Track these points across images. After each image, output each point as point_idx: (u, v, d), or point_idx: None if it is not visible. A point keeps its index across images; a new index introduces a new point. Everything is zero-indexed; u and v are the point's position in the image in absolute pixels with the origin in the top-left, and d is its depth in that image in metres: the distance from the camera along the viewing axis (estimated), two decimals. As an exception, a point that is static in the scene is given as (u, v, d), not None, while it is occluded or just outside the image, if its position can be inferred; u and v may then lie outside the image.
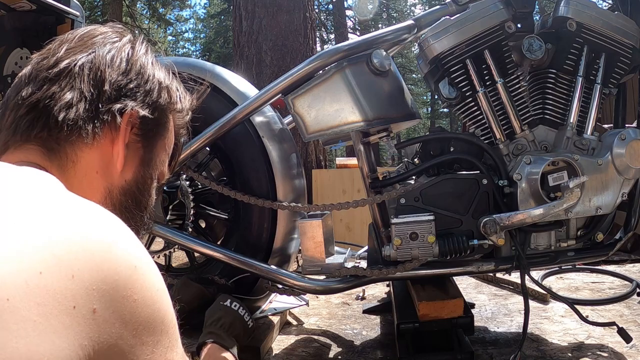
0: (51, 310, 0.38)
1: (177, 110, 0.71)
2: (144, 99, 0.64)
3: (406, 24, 1.44)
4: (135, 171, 0.65)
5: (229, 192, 1.40)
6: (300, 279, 1.39)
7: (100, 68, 0.61)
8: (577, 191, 1.17)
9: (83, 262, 0.41)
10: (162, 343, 0.47)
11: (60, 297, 0.39)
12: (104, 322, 0.41)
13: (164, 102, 0.67)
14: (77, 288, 0.40)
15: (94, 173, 0.60)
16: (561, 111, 1.33)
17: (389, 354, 1.44)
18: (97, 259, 0.42)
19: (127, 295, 0.43)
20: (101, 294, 0.41)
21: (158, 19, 16.22)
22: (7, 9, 2.18)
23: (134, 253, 0.46)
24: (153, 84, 0.65)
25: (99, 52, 0.62)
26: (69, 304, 0.39)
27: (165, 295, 0.48)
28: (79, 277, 0.40)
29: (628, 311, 1.66)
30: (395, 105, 1.38)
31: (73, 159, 0.59)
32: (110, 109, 0.61)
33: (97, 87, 0.60)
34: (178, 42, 22.36)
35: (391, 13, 18.65)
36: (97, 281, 0.41)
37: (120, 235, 0.46)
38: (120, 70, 0.62)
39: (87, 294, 0.40)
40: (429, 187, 1.29)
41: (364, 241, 1.51)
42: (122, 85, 0.62)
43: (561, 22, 1.32)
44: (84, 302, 0.40)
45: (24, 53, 2.20)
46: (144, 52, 0.67)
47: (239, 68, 4.34)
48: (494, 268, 1.32)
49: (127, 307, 0.43)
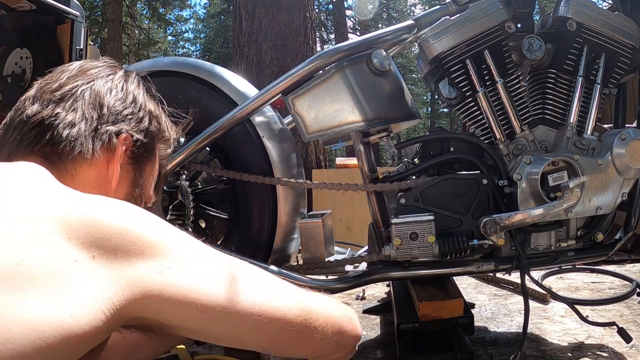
0: (66, 268, 0.47)
1: (165, 139, 0.79)
2: (138, 125, 0.72)
3: (406, 24, 1.44)
4: (126, 191, 0.72)
5: (235, 175, 1.41)
6: (301, 279, 1.39)
7: (100, 94, 0.69)
8: (577, 191, 1.17)
9: (76, 226, 0.50)
10: (169, 252, 0.55)
11: (67, 255, 0.48)
12: (106, 262, 0.50)
13: (154, 130, 0.75)
14: (75, 245, 0.49)
15: (90, 189, 0.65)
16: (561, 111, 1.33)
17: (389, 354, 1.44)
18: (89, 221, 0.51)
19: (113, 233, 0.51)
20: (97, 243, 0.50)
21: (158, 19, 16.22)
22: (7, 9, 2.18)
23: (120, 208, 0.56)
24: (145, 112, 0.73)
25: (97, 80, 0.70)
26: (70, 259, 0.48)
27: (157, 222, 0.57)
28: (75, 235, 0.50)
29: (628, 311, 1.66)
30: (395, 105, 1.38)
31: (72, 173, 0.65)
32: (108, 131, 0.68)
33: (97, 110, 0.68)
34: (178, 42, 22.35)
35: (391, 13, 18.65)
36: (89, 235, 0.50)
37: (103, 200, 0.56)
38: (117, 97, 0.70)
39: (84, 247, 0.49)
40: (429, 187, 1.29)
41: (364, 241, 1.51)
42: (119, 110, 0.70)
43: (561, 22, 1.32)
44: (83, 253, 0.49)
45: (24, 53, 2.20)
46: (137, 85, 0.75)
47: (239, 68, 4.35)
48: (494, 268, 1.32)
49: (117, 242, 0.51)
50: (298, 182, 1.43)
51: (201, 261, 0.58)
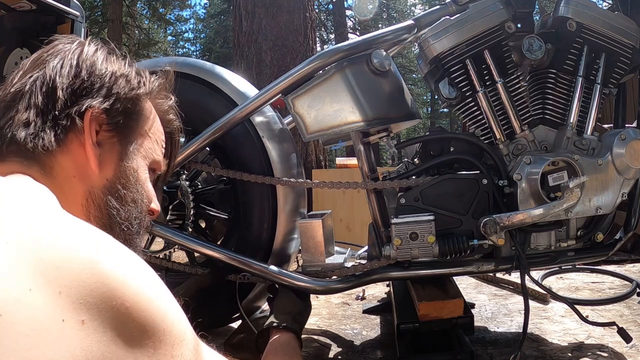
0: (41, 324, 0.41)
1: (148, 92, 0.71)
2: (99, 93, 0.64)
3: (406, 24, 1.44)
4: (116, 167, 0.65)
5: (235, 175, 1.40)
6: (300, 279, 1.39)
7: (51, 78, 0.62)
8: (577, 191, 1.17)
9: (69, 279, 0.43)
10: (165, 341, 0.48)
11: (49, 311, 0.41)
12: (94, 331, 0.43)
13: (122, 91, 0.66)
14: (64, 303, 0.42)
15: (71, 178, 0.61)
16: (561, 111, 1.33)
17: (389, 354, 1.44)
18: (83, 276, 0.44)
19: (117, 304, 0.45)
20: (88, 306, 0.43)
21: (158, 19, 16.23)
22: (7, 9, 2.18)
23: (122, 264, 0.48)
24: (106, 77, 0.65)
25: (49, 65, 0.63)
26: (57, 318, 0.42)
27: (162, 296, 0.49)
28: (66, 292, 0.43)
29: (628, 311, 1.66)
30: (395, 105, 1.38)
31: (51, 165, 0.60)
32: (68, 114, 0.61)
33: (51, 97, 0.61)
34: (178, 42, 22.36)
35: (391, 13, 18.65)
36: (84, 295, 0.43)
37: (106, 251, 0.48)
38: (71, 74, 0.63)
39: (75, 308, 0.43)
40: (429, 187, 1.29)
41: (364, 241, 1.51)
42: (76, 87, 0.63)
43: (561, 22, 1.32)
44: (72, 315, 0.42)
45: (24, 53, 2.20)
46: (94, 50, 0.67)
47: (239, 68, 4.35)
48: (494, 268, 1.32)
49: (118, 315, 0.45)
50: (298, 182, 1.43)
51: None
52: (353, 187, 1.38)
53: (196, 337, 0.55)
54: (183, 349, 0.50)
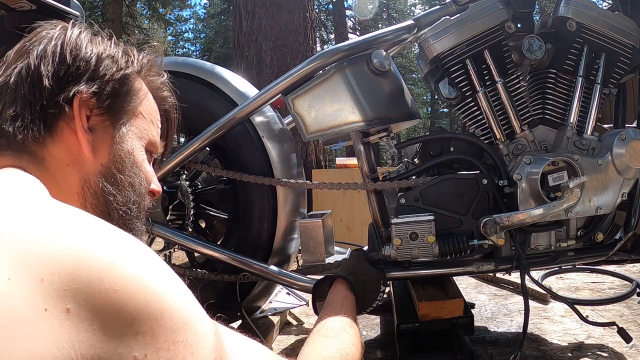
0: (22, 314, 0.38)
1: (135, 72, 0.68)
2: (87, 77, 0.62)
3: (406, 24, 1.44)
4: (110, 152, 0.63)
5: (235, 175, 1.40)
6: (300, 279, 1.39)
7: (36, 67, 0.60)
8: (577, 191, 1.17)
9: (52, 266, 0.41)
10: (164, 325, 0.45)
11: (30, 300, 0.39)
12: (81, 320, 0.41)
13: (110, 72, 0.64)
14: (47, 291, 0.40)
15: (65, 166, 0.60)
16: (561, 111, 1.33)
17: (389, 354, 1.44)
18: (66, 261, 0.42)
19: (105, 289, 0.42)
20: (74, 293, 0.41)
21: (158, 19, 16.21)
22: (7, 9, 2.18)
23: (112, 247, 0.45)
24: (91, 59, 0.63)
25: (32, 54, 0.62)
26: (39, 307, 0.39)
27: (161, 279, 0.47)
28: (49, 280, 0.40)
29: (628, 311, 1.66)
30: (395, 105, 1.38)
31: (43, 155, 0.59)
32: (56, 102, 0.60)
33: (37, 87, 0.60)
34: (178, 42, 22.35)
35: (391, 13, 18.64)
36: (68, 282, 0.41)
37: (93, 235, 0.45)
38: (55, 60, 0.61)
39: (59, 296, 0.40)
40: (429, 187, 1.29)
41: (364, 241, 1.51)
42: (61, 74, 0.61)
43: (561, 22, 1.32)
44: (55, 303, 0.40)
45: (24, 53, 2.20)
46: (77, 34, 0.65)
47: (239, 68, 4.34)
48: (494, 268, 1.32)
49: (107, 300, 0.42)
50: (298, 183, 1.43)
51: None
52: (353, 188, 1.37)
53: (214, 322, 0.52)
54: (187, 334, 0.46)
